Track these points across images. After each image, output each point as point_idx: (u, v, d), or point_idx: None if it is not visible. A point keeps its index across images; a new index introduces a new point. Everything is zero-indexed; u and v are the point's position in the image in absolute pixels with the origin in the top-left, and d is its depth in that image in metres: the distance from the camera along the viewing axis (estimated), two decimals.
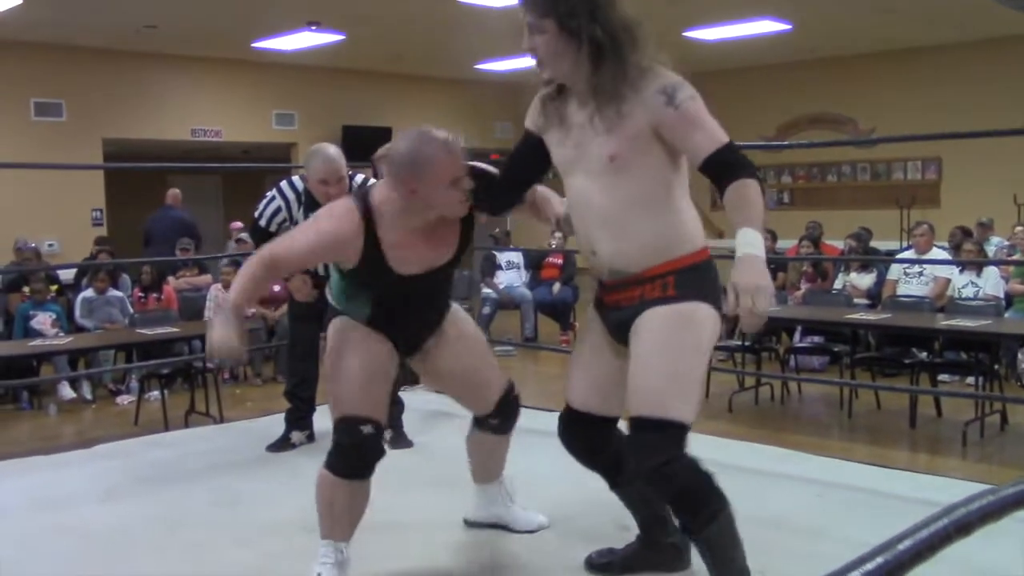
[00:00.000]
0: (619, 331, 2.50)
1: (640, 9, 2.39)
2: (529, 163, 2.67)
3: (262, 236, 4.46)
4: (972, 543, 0.87)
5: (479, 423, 3.11)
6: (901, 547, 0.71)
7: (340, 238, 2.59)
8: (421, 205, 2.59)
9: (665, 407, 2.31)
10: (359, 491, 2.75)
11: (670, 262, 2.39)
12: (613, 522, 3.20)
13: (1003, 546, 2.39)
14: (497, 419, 3.06)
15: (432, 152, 2.52)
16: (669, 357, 2.33)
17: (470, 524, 3.33)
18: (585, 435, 2.70)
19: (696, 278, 2.41)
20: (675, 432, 2.32)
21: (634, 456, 2.39)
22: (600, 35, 2.32)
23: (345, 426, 2.69)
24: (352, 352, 2.74)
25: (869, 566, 0.67)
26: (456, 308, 3.06)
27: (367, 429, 2.68)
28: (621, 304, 2.47)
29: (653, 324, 2.36)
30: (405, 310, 2.81)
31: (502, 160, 2.81)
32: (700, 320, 2.38)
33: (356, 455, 2.70)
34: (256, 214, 4.42)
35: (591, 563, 2.91)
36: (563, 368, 7.94)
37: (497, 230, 10.69)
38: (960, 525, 0.76)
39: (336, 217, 2.62)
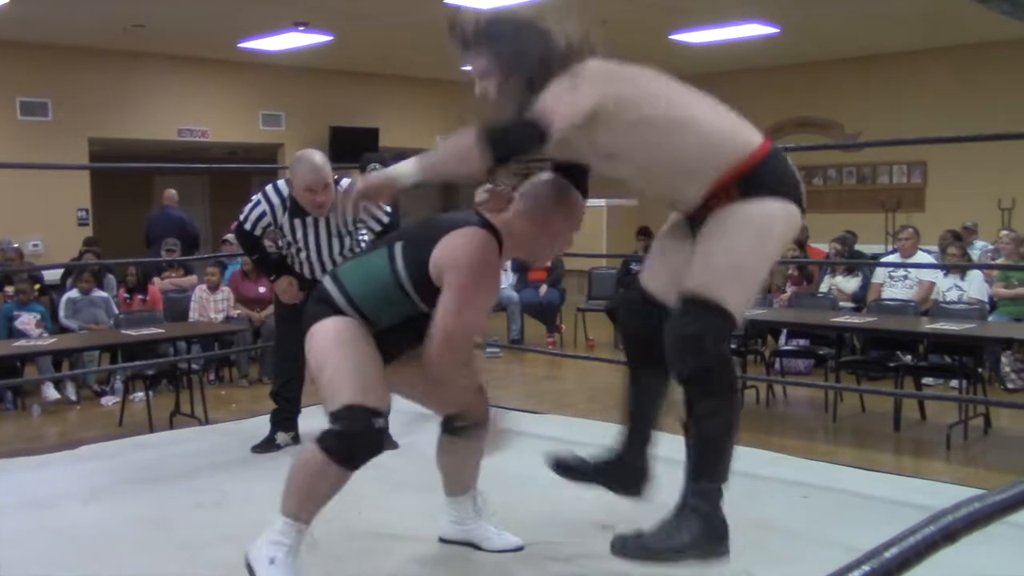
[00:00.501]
0: (692, 226, 2.56)
1: (628, 11, 2.40)
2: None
3: (246, 239, 4.47)
4: (961, 549, 0.87)
5: (448, 427, 3.02)
6: (888, 555, 0.71)
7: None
8: (533, 244, 2.77)
9: (710, 289, 2.37)
10: (343, 479, 2.63)
11: (723, 178, 2.42)
12: (597, 524, 3.20)
13: (992, 551, 2.40)
14: (465, 422, 2.96)
15: (577, 201, 2.75)
16: (725, 247, 2.39)
17: (445, 542, 3.22)
18: (644, 318, 2.67)
19: (755, 178, 2.42)
20: (715, 314, 2.38)
21: (669, 324, 2.45)
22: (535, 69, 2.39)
23: (355, 413, 2.57)
24: (364, 346, 2.67)
25: (855, 574, 0.67)
26: None
27: (379, 422, 2.60)
28: (698, 217, 2.49)
29: (715, 220, 2.42)
30: (424, 327, 2.75)
31: None
32: (763, 215, 2.41)
33: (362, 444, 2.59)
34: (241, 217, 4.41)
35: (557, 462, 2.84)
36: (549, 370, 7.99)
37: None
38: (947, 532, 0.77)
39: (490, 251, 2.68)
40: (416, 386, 2.95)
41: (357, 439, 2.58)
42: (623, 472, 2.79)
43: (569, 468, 2.85)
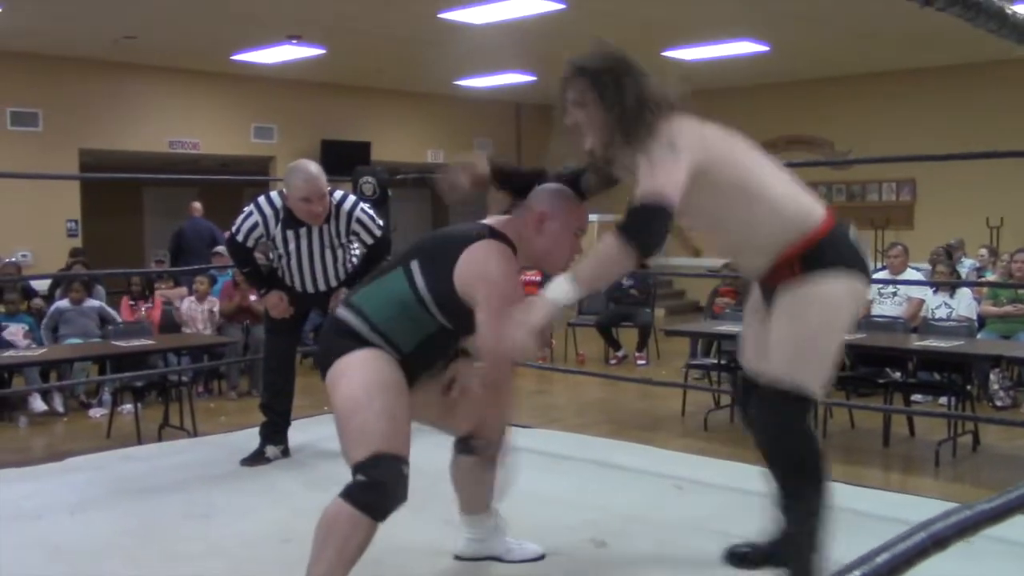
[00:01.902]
0: (764, 299, 2.69)
1: (620, 29, 2.45)
2: None
3: (238, 251, 4.47)
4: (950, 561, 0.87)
5: (463, 447, 2.96)
6: (879, 560, 0.72)
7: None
8: (541, 245, 2.74)
9: (790, 376, 2.50)
10: (372, 535, 2.50)
11: (788, 252, 2.54)
12: (591, 541, 3.20)
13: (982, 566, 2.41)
14: (481, 440, 2.91)
15: (571, 196, 2.76)
16: (796, 332, 2.52)
17: (460, 559, 3.16)
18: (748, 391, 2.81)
19: (819, 254, 2.53)
20: (797, 400, 2.51)
21: (757, 415, 2.62)
22: (630, 107, 2.48)
23: (386, 463, 2.47)
24: (396, 389, 2.58)
25: None
26: None
27: (407, 470, 2.52)
28: (767, 286, 2.65)
29: (783, 300, 2.55)
30: (447, 345, 2.75)
31: None
32: (827, 294, 2.52)
33: (393, 493, 2.49)
34: (234, 228, 4.41)
35: (733, 554, 2.96)
36: (540, 384, 7.99)
37: None
38: (937, 539, 0.77)
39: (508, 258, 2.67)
40: (431, 408, 2.89)
41: (388, 490, 2.48)
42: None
43: (742, 558, 2.96)
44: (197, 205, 10.48)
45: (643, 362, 9.14)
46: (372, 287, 2.73)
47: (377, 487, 2.47)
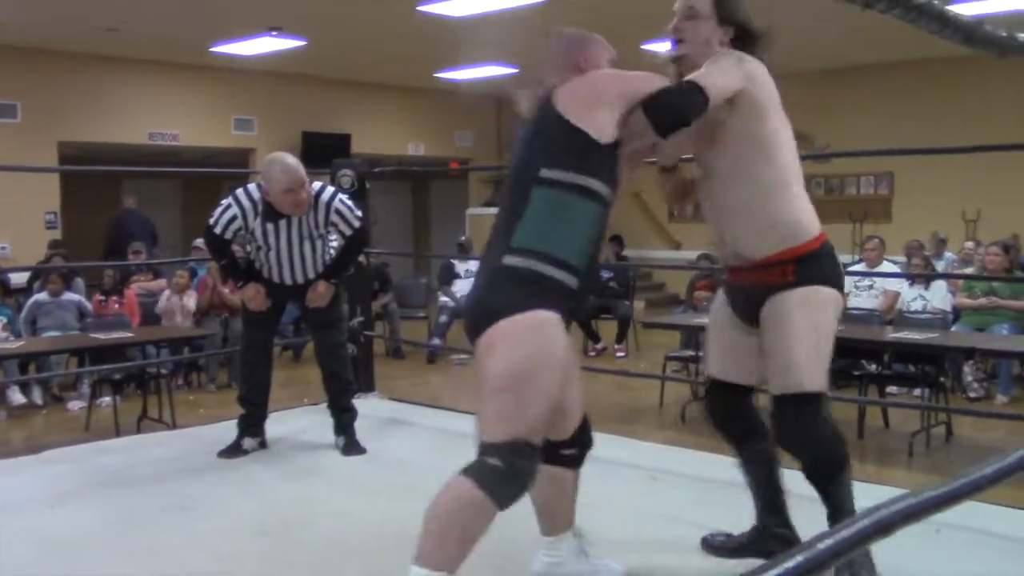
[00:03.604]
0: (745, 307, 2.79)
1: (600, 20, 2.47)
2: None
3: (216, 243, 4.46)
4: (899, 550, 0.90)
5: (550, 456, 2.58)
6: (821, 546, 0.74)
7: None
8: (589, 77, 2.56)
9: (797, 383, 2.61)
10: (491, 520, 2.30)
11: (787, 251, 2.66)
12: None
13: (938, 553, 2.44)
14: (573, 449, 2.69)
15: (579, 31, 2.63)
16: (794, 339, 2.62)
17: None
18: (724, 401, 2.93)
19: (814, 265, 2.67)
20: (809, 401, 2.62)
21: (777, 429, 2.72)
22: (741, 24, 2.71)
23: (528, 451, 2.28)
24: (557, 367, 2.34)
25: (789, 564, 0.70)
26: None
27: (540, 461, 2.36)
28: (745, 283, 2.77)
29: (781, 308, 2.65)
30: (600, 244, 2.55)
31: (463, 167, 2.93)
32: (818, 299, 2.65)
33: (527, 485, 2.33)
34: (212, 220, 4.39)
35: (707, 543, 3.08)
36: None
37: (464, 239, 10.71)
38: (881, 525, 0.80)
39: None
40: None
41: (524, 479, 2.30)
42: (768, 542, 2.95)
43: (717, 547, 3.07)
44: (130, 199, 10.57)
45: (622, 354, 9.18)
46: (523, 222, 2.40)
47: (514, 476, 2.26)
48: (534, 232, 2.38)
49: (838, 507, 2.66)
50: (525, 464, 2.28)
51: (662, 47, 2.85)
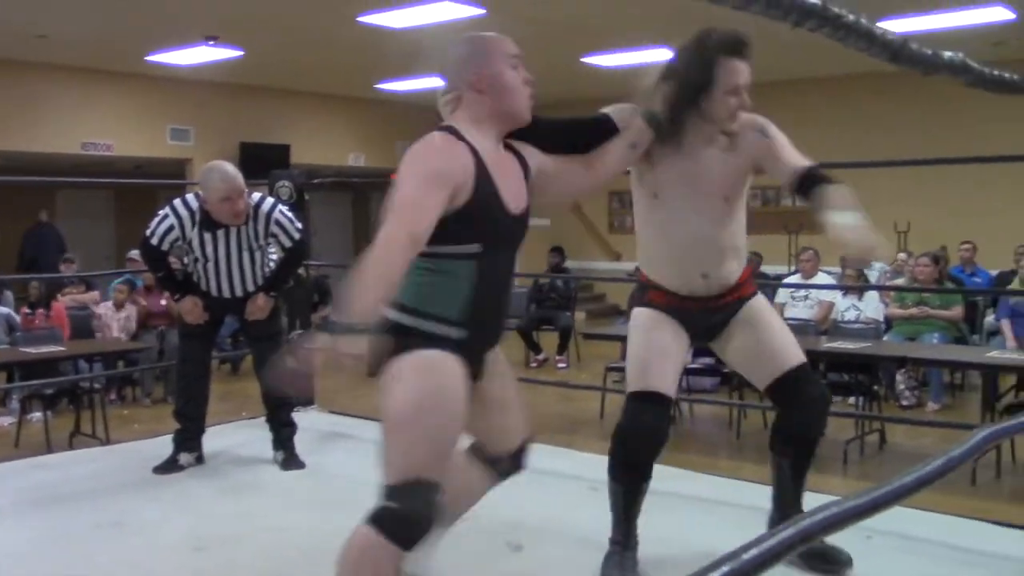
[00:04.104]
0: (709, 325, 3.09)
1: (540, 34, 2.48)
2: (595, 135, 2.89)
3: (153, 255, 4.40)
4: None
5: (491, 461, 2.67)
6: (746, 556, 0.76)
7: (453, 155, 2.35)
8: (490, 105, 2.49)
9: (799, 355, 3.09)
10: (403, 558, 2.29)
11: (746, 268, 3.13)
12: (507, 544, 3.22)
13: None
14: (508, 464, 2.71)
15: (482, 36, 2.61)
16: (778, 328, 3.14)
17: None
18: (666, 419, 3.11)
19: (753, 275, 3.21)
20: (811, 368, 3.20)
21: (810, 392, 3.13)
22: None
23: (421, 491, 2.24)
24: (451, 407, 2.29)
25: (714, 574, 0.71)
26: None
27: (440, 498, 2.31)
28: (723, 306, 3.07)
29: (763, 308, 3.15)
30: (500, 289, 2.47)
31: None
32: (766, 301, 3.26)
33: (425, 525, 2.27)
34: (148, 232, 4.34)
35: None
36: None
37: None
38: (804, 534, 0.82)
39: (431, 146, 2.38)
40: (485, 416, 2.59)
41: (420, 520, 2.26)
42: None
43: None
44: (43, 213, 10.43)
45: (563, 365, 9.22)
46: (403, 282, 2.28)
47: (409, 517, 2.24)
48: (411, 292, 2.31)
49: (804, 483, 3.20)
50: (419, 504, 2.24)
51: (602, 60, 2.92)
